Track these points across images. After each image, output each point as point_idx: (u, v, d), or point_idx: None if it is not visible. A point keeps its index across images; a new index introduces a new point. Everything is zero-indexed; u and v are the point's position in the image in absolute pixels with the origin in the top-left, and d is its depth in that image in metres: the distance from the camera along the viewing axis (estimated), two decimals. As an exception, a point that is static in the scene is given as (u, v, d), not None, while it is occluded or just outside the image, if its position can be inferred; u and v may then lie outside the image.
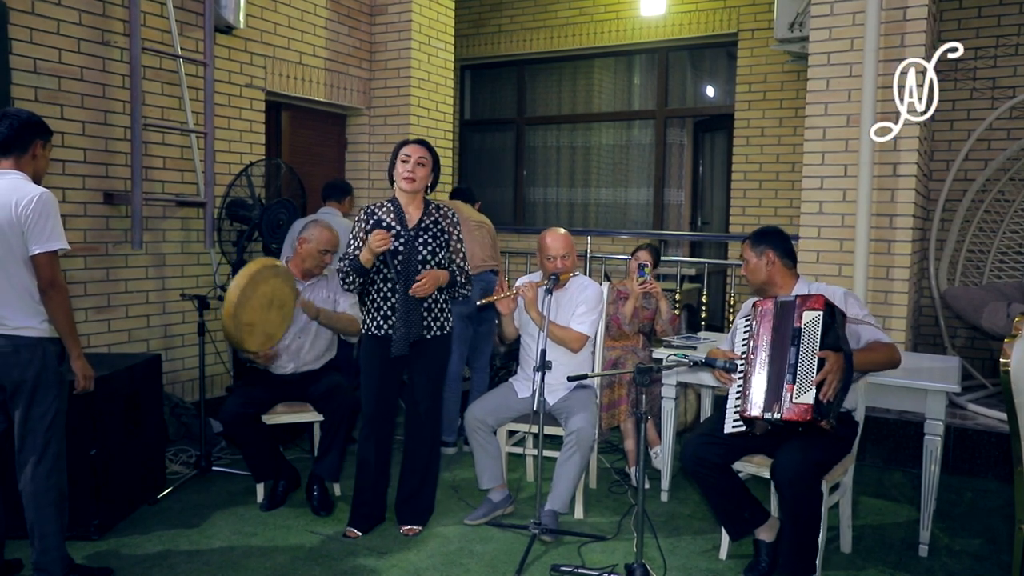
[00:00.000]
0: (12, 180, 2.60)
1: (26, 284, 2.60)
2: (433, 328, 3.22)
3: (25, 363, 2.61)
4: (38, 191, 2.58)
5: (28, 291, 2.61)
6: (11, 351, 2.60)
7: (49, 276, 2.59)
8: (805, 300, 2.70)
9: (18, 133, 2.63)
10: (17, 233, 2.55)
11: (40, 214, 2.55)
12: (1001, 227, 5.09)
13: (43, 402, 2.65)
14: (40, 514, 2.67)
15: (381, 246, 3.01)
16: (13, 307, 2.59)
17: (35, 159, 2.68)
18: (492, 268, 4.48)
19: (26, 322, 2.61)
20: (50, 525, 2.69)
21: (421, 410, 3.30)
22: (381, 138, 5.92)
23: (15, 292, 2.59)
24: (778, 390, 2.64)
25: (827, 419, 2.61)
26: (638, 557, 2.77)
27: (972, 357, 5.23)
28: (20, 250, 2.57)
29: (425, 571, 2.98)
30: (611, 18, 7.41)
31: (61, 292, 2.63)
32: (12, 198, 2.55)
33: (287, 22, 5.20)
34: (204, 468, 3.89)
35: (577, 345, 3.44)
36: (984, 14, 5.41)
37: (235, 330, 3.27)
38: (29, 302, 2.61)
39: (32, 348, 2.62)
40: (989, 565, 3.10)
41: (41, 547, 2.68)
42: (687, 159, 7.56)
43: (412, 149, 3.18)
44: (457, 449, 4.40)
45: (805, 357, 2.62)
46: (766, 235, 3.02)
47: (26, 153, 2.65)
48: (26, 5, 3.73)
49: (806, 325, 2.65)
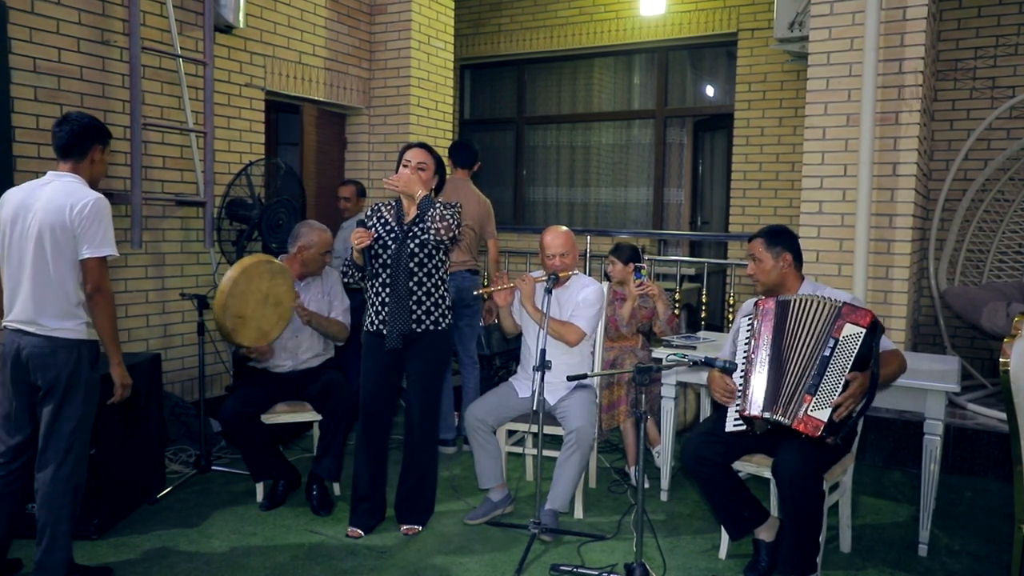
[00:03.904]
0: (68, 183, 2.66)
1: (69, 286, 2.65)
2: (425, 322, 3.22)
3: (61, 363, 2.64)
4: (93, 196, 2.63)
5: (70, 293, 2.65)
6: (49, 351, 2.63)
7: (97, 281, 2.63)
8: (853, 311, 2.62)
9: (78, 138, 2.68)
10: (68, 236, 2.60)
11: (93, 219, 2.60)
12: (1001, 227, 5.09)
13: (72, 403, 2.67)
14: (53, 516, 2.68)
15: (358, 244, 3.10)
16: (54, 308, 2.63)
17: (93, 164, 2.74)
18: (470, 268, 4.45)
19: (64, 323, 2.64)
20: (61, 526, 2.69)
21: (419, 409, 3.30)
22: (381, 138, 5.91)
23: (58, 293, 2.63)
24: (792, 394, 2.63)
25: (834, 437, 2.60)
26: (638, 557, 2.77)
27: (972, 357, 5.23)
28: (69, 253, 2.62)
29: (425, 571, 2.98)
30: (611, 18, 7.41)
31: (107, 297, 2.66)
32: (67, 201, 2.60)
33: (287, 21, 5.20)
34: (204, 467, 3.89)
35: (574, 339, 3.43)
36: (984, 14, 5.41)
37: (224, 320, 3.28)
38: (68, 304, 2.65)
39: (68, 349, 2.65)
40: (989, 565, 3.10)
41: (48, 547, 2.68)
42: (687, 159, 7.56)
43: (413, 154, 3.22)
44: (456, 448, 4.40)
45: (833, 372, 2.58)
46: (781, 236, 2.97)
47: (84, 158, 2.70)
48: (26, 5, 3.72)
49: (844, 338, 2.58)
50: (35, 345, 2.63)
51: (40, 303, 2.62)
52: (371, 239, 3.14)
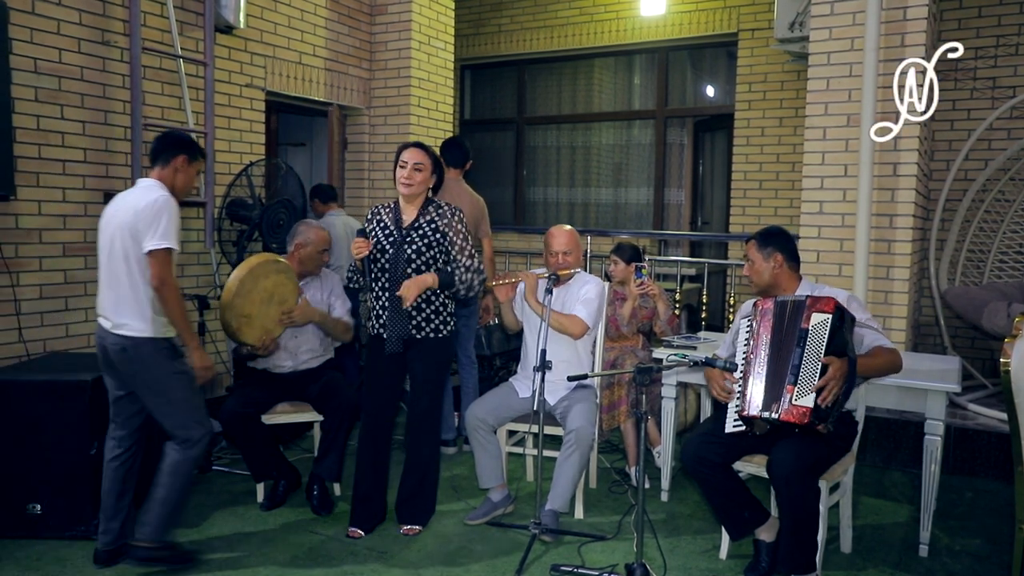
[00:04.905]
0: (146, 187, 2.82)
1: (139, 285, 2.78)
2: (425, 329, 3.22)
3: (138, 361, 2.79)
4: (160, 194, 2.77)
5: (140, 291, 2.77)
6: (123, 349, 2.78)
7: (160, 274, 2.73)
8: (816, 301, 2.68)
9: (164, 145, 2.89)
10: (136, 234, 2.74)
11: (156, 213, 2.72)
12: (1001, 227, 5.09)
13: (163, 395, 2.83)
14: (169, 492, 2.85)
15: (358, 253, 3.13)
16: (127, 307, 2.78)
17: (177, 172, 2.89)
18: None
19: (136, 322, 2.78)
20: (174, 495, 2.87)
21: (420, 410, 3.30)
22: (381, 138, 5.92)
23: (129, 292, 2.77)
24: (777, 390, 2.64)
25: (825, 424, 2.61)
26: (638, 557, 2.77)
27: (972, 357, 5.23)
28: (137, 251, 2.75)
29: (425, 571, 2.98)
30: (611, 18, 7.41)
31: (172, 290, 2.77)
32: (137, 201, 2.76)
33: (287, 22, 5.20)
34: (204, 468, 3.89)
35: (578, 330, 3.42)
36: (984, 14, 5.41)
37: (231, 320, 3.28)
38: (139, 303, 2.78)
39: (142, 347, 2.79)
40: (989, 565, 3.10)
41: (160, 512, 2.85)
42: (687, 159, 7.56)
43: (409, 154, 3.21)
44: (457, 449, 4.40)
45: (809, 360, 2.61)
46: (773, 236, 3.00)
47: (168, 165, 2.88)
48: (26, 5, 3.72)
49: (814, 327, 2.63)
50: (113, 343, 2.80)
51: (115, 302, 2.79)
52: (369, 249, 3.15)
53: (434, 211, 3.26)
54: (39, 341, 3.83)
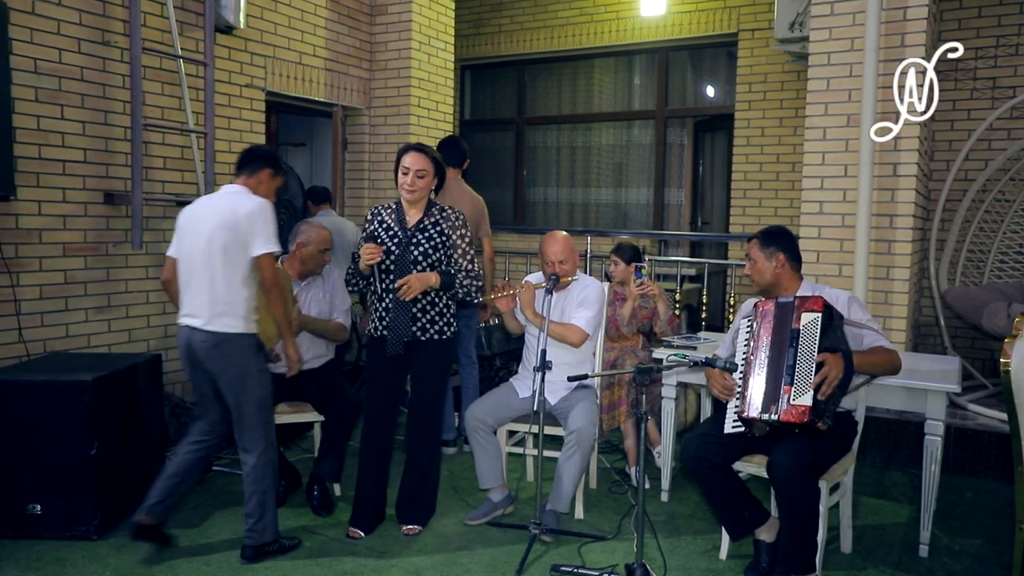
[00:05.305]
0: (238, 193, 2.97)
1: (236, 285, 2.90)
2: (429, 331, 3.21)
3: (228, 357, 2.91)
4: (264, 201, 2.97)
5: (237, 291, 2.91)
6: (214, 345, 2.90)
7: (271, 275, 2.93)
8: (804, 301, 2.69)
9: (252, 156, 3.06)
10: (237, 237, 2.87)
11: (264, 219, 2.91)
12: (1001, 227, 5.09)
13: (248, 390, 2.94)
14: (259, 487, 2.98)
15: (369, 260, 3.10)
16: (225, 306, 2.89)
17: (260, 183, 3.04)
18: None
19: (229, 320, 2.90)
20: (268, 495, 3.01)
21: (421, 411, 3.30)
22: (381, 138, 5.92)
23: (226, 291, 2.89)
24: (775, 392, 2.64)
25: (823, 420, 2.61)
26: (638, 557, 2.77)
27: (972, 357, 5.23)
28: (237, 253, 2.88)
29: (425, 571, 2.98)
30: (611, 18, 7.41)
31: (280, 290, 2.97)
32: (237, 206, 2.90)
33: (287, 22, 5.20)
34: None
35: (577, 339, 3.42)
36: (984, 14, 5.41)
37: None
38: (234, 302, 2.90)
39: (233, 343, 2.91)
40: (989, 565, 3.10)
41: (258, 513, 2.99)
42: (687, 159, 7.56)
43: (412, 160, 3.17)
44: (457, 449, 4.39)
45: (803, 359, 2.62)
46: (776, 236, 2.99)
47: (254, 176, 3.03)
48: (26, 5, 3.72)
49: (804, 327, 2.64)
50: (204, 340, 2.90)
51: (211, 300, 2.89)
52: (381, 255, 3.10)
53: (438, 213, 3.25)
54: (39, 341, 3.83)
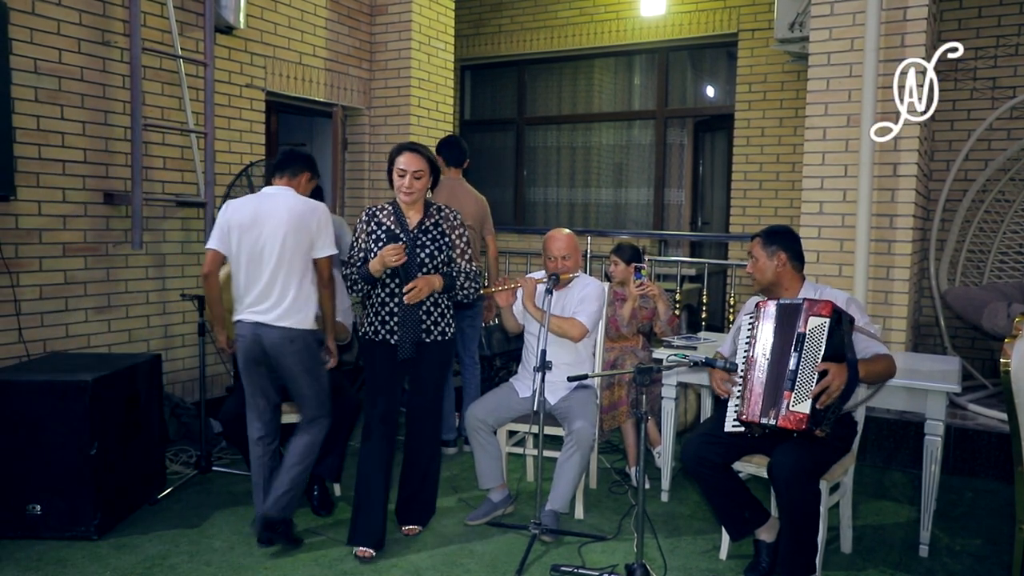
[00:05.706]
0: (291, 194, 3.07)
1: (303, 282, 3.03)
2: (433, 332, 3.20)
3: (295, 351, 3.02)
4: (321, 204, 3.10)
5: (306, 289, 3.04)
6: (298, 338, 3.02)
7: (328, 275, 3.08)
8: (813, 305, 2.67)
9: (293, 160, 3.14)
10: (306, 238, 3.00)
11: (329, 224, 3.07)
12: (1001, 227, 5.09)
13: (315, 382, 3.10)
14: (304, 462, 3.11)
15: (396, 262, 3.03)
16: (298, 304, 3.02)
17: (299, 186, 3.14)
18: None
19: (296, 316, 3.02)
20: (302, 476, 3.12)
21: (421, 411, 3.29)
22: (381, 138, 5.92)
23: (298, 290, 3.02)
24: (775, 396, 2.64)
25: (822, 427, 2.61)
26: (638, 557, 2.77)
27: (972, 357, 5.23)
28: (303, 253, 3.01)
29: (425, 571, 2.98)
30: (611, 18, 7.41)
31: (334, 288, 3.14)
32: (306, 209, 3.01)
33: (287, 22, 5.21)
34: (204, 468, 3.89)
35: (577, 334, 3.41)
36: (984, 14, 5.41)
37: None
38: (305, 300, 3.03)
39: (300, 339, 3.03)
40: (989, 565, 3.10)
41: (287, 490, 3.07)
42: (687, 159, 7.56)
43: (407, 161, 3.12)
44: (457, 449, 4.39)
45: (806, 365, 2.60)
46: (779, 235, 2.98)
47: (296, 178, 3.13)
48: (26, 5, 3.73)
49: (811, 331, 2.62)
50: (275, 336, 2.99)
51: (283, 299, 2.99)
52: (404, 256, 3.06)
53: (437, 213, 3.24)
54: (39, 341, 3.83)
